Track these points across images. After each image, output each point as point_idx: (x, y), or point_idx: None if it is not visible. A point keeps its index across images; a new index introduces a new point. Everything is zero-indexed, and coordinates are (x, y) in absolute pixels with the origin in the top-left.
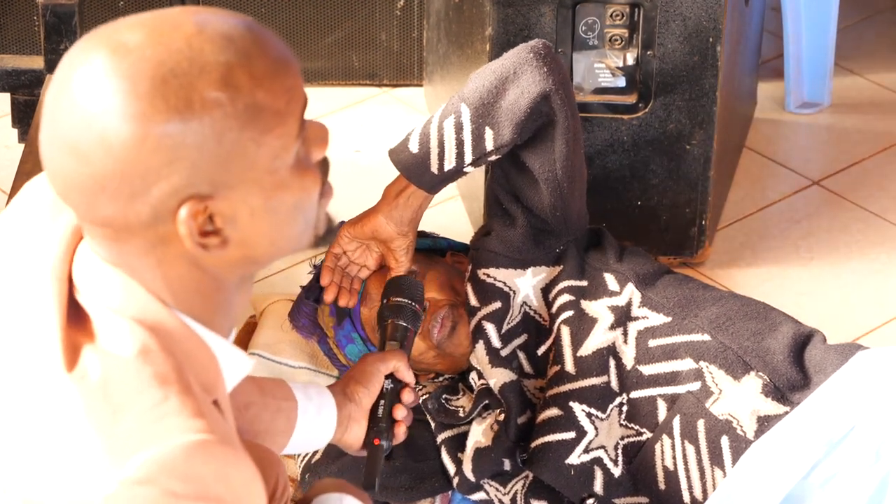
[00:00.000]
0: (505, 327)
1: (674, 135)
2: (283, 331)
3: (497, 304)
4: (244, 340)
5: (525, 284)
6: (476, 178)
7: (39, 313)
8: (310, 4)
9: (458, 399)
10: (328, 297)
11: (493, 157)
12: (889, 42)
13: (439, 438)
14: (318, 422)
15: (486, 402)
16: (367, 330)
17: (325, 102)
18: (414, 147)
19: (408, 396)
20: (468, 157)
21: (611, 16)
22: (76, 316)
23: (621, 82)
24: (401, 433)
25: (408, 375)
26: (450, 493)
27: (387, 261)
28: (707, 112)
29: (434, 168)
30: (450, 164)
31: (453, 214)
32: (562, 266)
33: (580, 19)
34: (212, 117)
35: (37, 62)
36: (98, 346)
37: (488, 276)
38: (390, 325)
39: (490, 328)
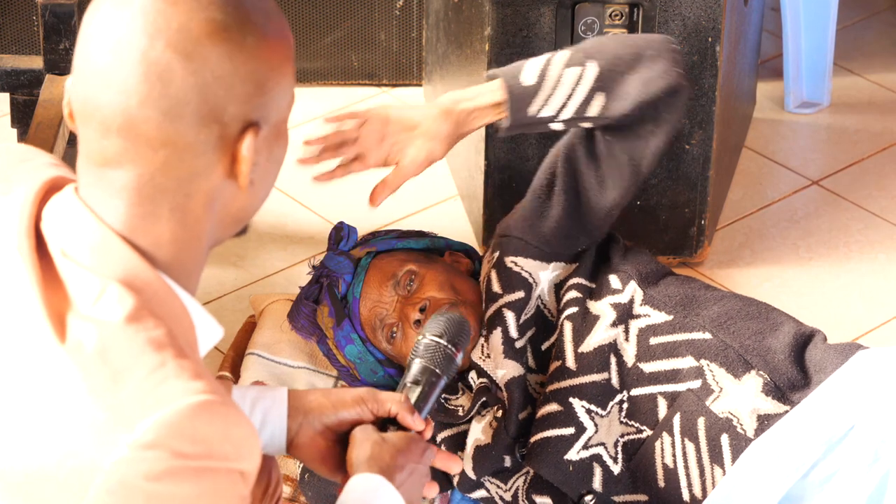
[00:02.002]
0: (522, 318)
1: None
2: (282, 331)
3: (520, 294)
4: (244, 340)
5: (545, 278)
6: (476, 177)
7: (12, 286)
8: (309, 4)
9: (457, 398)
10: (307, 150)
11: (586, 125)
12: (888, 42)
13: (439, 438)
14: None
15: (485, 399)
16: (367, 331)
17: (324, 102)
18: (528, 79)
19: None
20: (566, 113)
21: (610, 16)
22: (51, 280)
23: None
24: None
25: (413, 422)
26: (449, 492)
27: (390, 156)
28: (706, 112)
29: (534, 109)
30: (548, 111)
31: (453, 214)
32: (577, 264)
33: (579, 19)
34: (278, 46)
35: (36, 62)
36: (83, 313)
37: (515, 264)
38: (415, 366)
39: (510, 317)
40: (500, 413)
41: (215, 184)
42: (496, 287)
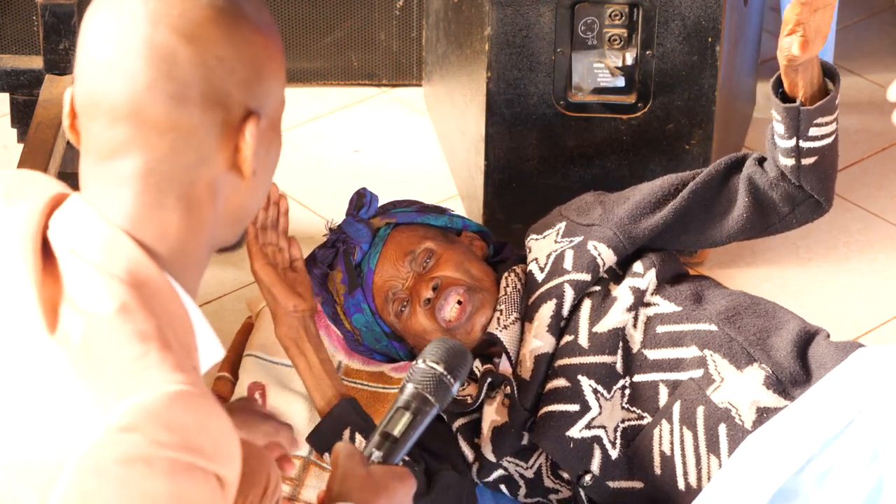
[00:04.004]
0: (576, 300)
1: (673, 135)
2: None
3: (587, 277)
4: (242, 341)
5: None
6: (476, 178)
7: (13, 289)
8: (308, 4)
9: (463, 388)
10: None
11: (788, 161)
12: (888, 42)
13: (454, 426)
14: None
15: (490, 379)
16: (378, 302)
17: (323, 102)
18: (835, 100)
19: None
20: (811, 144)
21: (610, 16)
22: (50, 277)
23: (620, 82)
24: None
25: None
26: None
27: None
28: (706, 112)
29: (822, 121)
30: (817, 131)
31: None
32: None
33: (579, 19)
34: (271, 37)
35: (36, 62)
36: (76, 305)
37: (595, 248)
38: (408, 390)
39: (569, 294)
40: (508, 390)
41: (218, 173)
42: (567, 264)
